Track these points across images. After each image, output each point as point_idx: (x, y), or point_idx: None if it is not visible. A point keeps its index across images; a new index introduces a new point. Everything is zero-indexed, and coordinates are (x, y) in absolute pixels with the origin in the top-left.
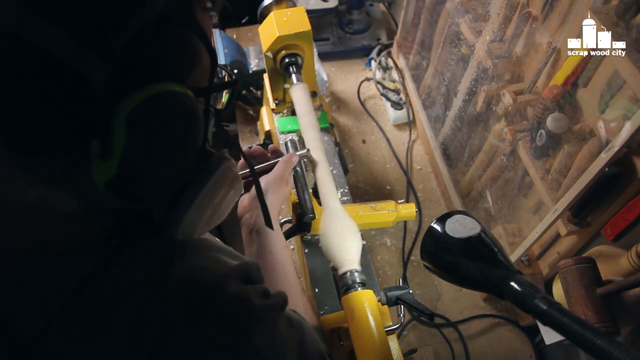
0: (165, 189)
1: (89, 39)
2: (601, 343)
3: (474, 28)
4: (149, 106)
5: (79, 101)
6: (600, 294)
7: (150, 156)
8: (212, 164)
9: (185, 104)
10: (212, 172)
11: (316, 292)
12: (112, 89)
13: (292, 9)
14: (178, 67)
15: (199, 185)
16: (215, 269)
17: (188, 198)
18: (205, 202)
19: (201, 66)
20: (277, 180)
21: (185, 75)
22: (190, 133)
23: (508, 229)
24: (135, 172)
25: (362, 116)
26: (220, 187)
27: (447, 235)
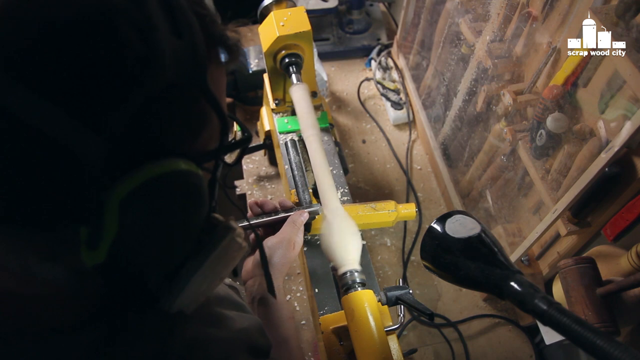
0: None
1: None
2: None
3: (474, 28)
4: (146, 189)
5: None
6: (600, 294)
7: (145, 242)
8: (216, 236)
9: (188, 184)
10: (216, 245)
11: (316, 292)
12: (107, 169)
13: (292, 9)
14: (183, 136)
15: (200, 260)
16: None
17: (187, 274)
18: (206, 276)
19: (210, 128)
20: (284, 243)
21: (191, 142)
22: (192, 213)
23: (508, 229)
24: (128, 258)
25: (362, 116)
26: (223, 260)
27: (447, 235)
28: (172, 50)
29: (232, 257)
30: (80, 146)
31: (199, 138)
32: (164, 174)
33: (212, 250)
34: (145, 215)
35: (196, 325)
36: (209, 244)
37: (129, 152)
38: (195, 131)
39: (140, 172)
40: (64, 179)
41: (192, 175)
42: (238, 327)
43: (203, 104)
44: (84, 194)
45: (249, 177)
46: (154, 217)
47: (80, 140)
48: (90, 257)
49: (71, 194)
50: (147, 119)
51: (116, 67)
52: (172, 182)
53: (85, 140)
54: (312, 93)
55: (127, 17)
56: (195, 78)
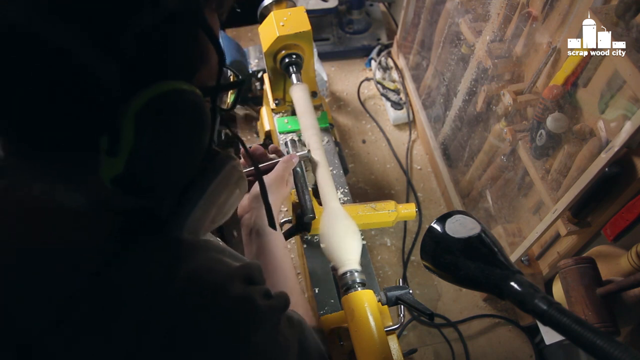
0: (171, 186)
1: (99, 36)
2: (601, 343)
3: (474, 28)
4: (157, 104)
5: (88, 97)
6: (600, 294)
7: (158, 153)
8: (218, 163)
9: (193, 102)
10: (218, 170)
11: (316, 292)
12: (121, 86)
13: (292, 9)
14: (186, 66)
15: (205, 184)
16: (218, 270)
17: (194, 196)
18: (210, 200)
19: (209, 65)
20: (277, 180)
21: (193, 73)
22: (198, 131)
23: (508, 229)
24: (143, 168)
25: (362, 116)
26: (225, 186)
27: (447, 235)
28: None
29: (234, 185)
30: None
31: (199, 72)
32: (171, 90)
33: (216, 174)
34: (156, 127)
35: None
36: (213, 169)
37: (140, 72)
38: (197, 63)
39: (153, 88)
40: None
41: (196, 96)
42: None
43: (202, 38)
44: (104, 107)
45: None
46: (164, 130)
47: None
48: (109, 167)
49: (92, 108)
50: (152, 43)
51: None
52: (178, 98)
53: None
54: (312, 93)
55: None
56: (194, 10)
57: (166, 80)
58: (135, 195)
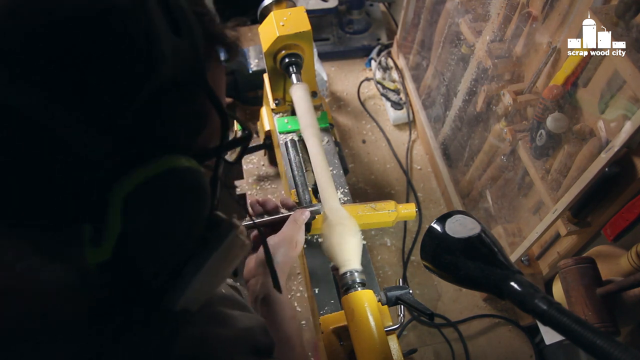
0: (164, 266)
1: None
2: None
3: (474, 28)
4: (149, 186)
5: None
6: (600, 294)
7: (149, 239)
8: (221, 233)
9: (189, 181)
10: (219, 242)
11: (316, 292)
12: (110, 167)
13: (292, 9)
14: (185, 134)
15: (205, 257)
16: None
17: (192, 271)
18: (210, 273)
19: (211, 126)
20: (285, 242)
21: (193, 139)
22: (195, 210)
23: (508, 229)
24: (131, 254)
25: (362, 116)
26: (226, 257)
27: (447, 235)
28: (173, 48)
29: (235, 255)
30: (82, 144)
31: (200, 136)
32: (167, 170)
33: (216, 247)
34: (148, 212)
35: (200, 325)
36: (213, 241)
37: (131, 150)
38: (197, 129)
39: (143, 170)
40: (68, 177)
41: (195, 172)
42: (241, 327)
43: (204, 102)
44: (87, 191)
45: (249, 177)
46: (157, 214)
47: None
48: (94, 254)
49: (75, 191)
50: (149, 116)
51: (118, 66)
52: (174, 179)
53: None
54: (312, 93)
55: (128, 15)
56: (196, 76)
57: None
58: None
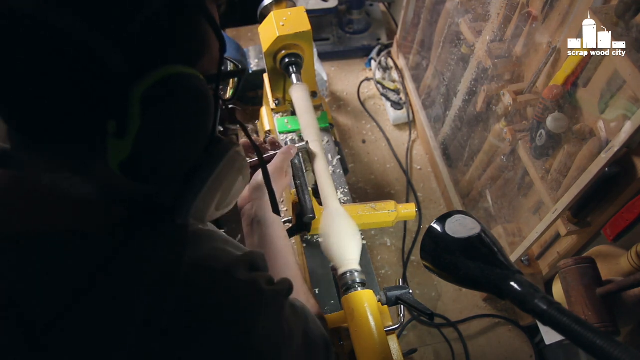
0: (177, 170)
1: (104, 22)
2: (601, 343)
3: (474, 28)
4: (162, 88)
5: (94, 82)
6: (600, 294)
7: (164, 136)
8: (222, 149)
9: (198, 87)
10: (222, 156)
11: (316, 292)
12: (126, 70)
13: (292, 9)
14: (189, 52)
15: (210, 169)
16: (223, 257)
17: (199, 181)
18: (215, 186)
19: (210, 53)
20: (276, 171)
21: (196, 60)
22: (202, 115)
23: (508, 229)
24: (149, 152)
25: (362, 116)
26: (229, 171)
27: (447, 235)
28: None
29: (237, 171)
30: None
31: (202, 59)
32: (177, 74)
33: (220, 159)
34: (162, 110)
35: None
36: (217, 154)
37: (144, 58)
38: (199, 50)
39: (157, 72)
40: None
41: (200, 80)
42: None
43: (205, 26)
44: (109, 92)
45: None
46: (169, 112)
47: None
48: (117, 151)
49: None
50: (156, 31)
51: None
52: (183, 82)
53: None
54: (312, 93)
55: None
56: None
57: (170, 65)
58: (141, 180)
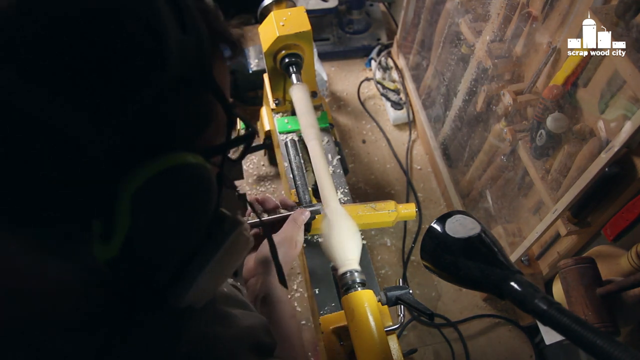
0: (172, 262)
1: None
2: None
3: (474, 28)
4: (156, 183)
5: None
6: (600, 294)
7: (158, 234)
8: (225, 230)
9: (197, 175)
10: (225, 238)
11: (316, 292)
12: (117, 163)
13: (292, 9)
14: (191, 130)
15: (210, 253)
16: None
17: (197, 268)
18: (215, 270)
19: (216, 122)
20: (285, 241)
21: (199, 137)
22: (202, 205)
23: (508, 229)
24: (141, 250)
25: (362, 116)
26: (232, 254)
27: (447, 235)
28: (179, 45)
29: (240, 251)
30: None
31: (205, 132)
32: (174, 166)
33: (221, 243)
34: (157, 207)
35: (203, 323)
36: (218, 237)
37: (138, 146)
38: (202, 125)
39: (151, 165)
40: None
41: (201, 168)
42: (244, 325)
43: (209, 98)
44: (96, 187)
45: (249, 177)
46: (165, 209)
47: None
48: (103, 251)
49: (84, 188)
50: (155, 113)
51: (124, 62)
52: (182, 174)
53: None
54: (312, 93)
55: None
56: (202, 72)
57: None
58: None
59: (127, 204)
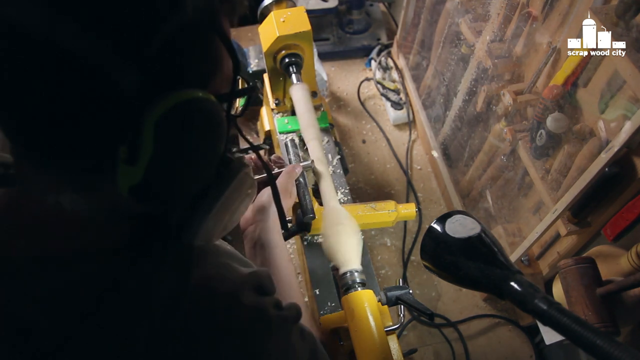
0: (187, 194)
1: (120, 44)
2: (601, 343)
3: (474, 28)
4: (176, 113)
5: (107, 106)
6: (600, 294)
7: (177, 162)
8: (232, 170)
9: (212, 111)
10: (232, 178)
11: (316, 293)
12: (141, 95)
13: (292, 9)
14: (202, 74)
15: (219, 192)
16: (230, 278)
17: (209, 203)
18: (224, 208)
19: (222, 72)
20: (281, 191)
21: (209, 81)
22: (215, 139)
23: (508, 229)
24: (161, 177)
25: (362, 116)
26: (239, 193)
27: (447, 235)
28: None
29: (246, 192)
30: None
31: (214, 79)
32: (190, 99)
33: (230, 181)
34: (176, 135)
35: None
36: (227, 176)
37: (159, 81)
38: (212, 70)
39: (172, 97)
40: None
41: (214, 104)
42: (248, 271)
43: (218, 45)
44: (123, 117)
45: None
46: (183, 139)
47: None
48: (127, 177)
49: (112, 117)
50: (171, 53)
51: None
52: (197, 107)
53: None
54: (312, 93)
55: None
56: (212, 18)
57: (184, 89)
58: (151, 203)
59: (150, 131)
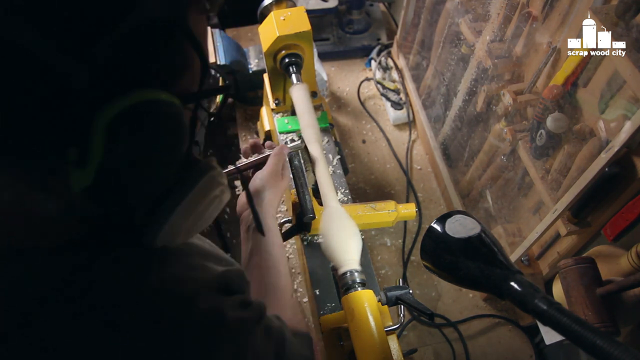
0: (144, 197)
1: (70, 41)
2: (601, 343)
3: (474, 28)
4: (129, 115)
5: (57, 105)
6: (600, 294)
7: (129, 165)
8: (196, 173)
9: (170, 113)
10: (195, 181)
11: (316, 293)
12: (92, 94)
13: (292, 8)
14: (166, 73)
15: (181, 194)
16: (193, 279)
17: (169, 206)
18: (187, 210)
19: (192, 71)
20: (272, 175)
21: (174, 81)
22: (173, 143)
23: (508, 229)
24: (113, 180)
25: (362, 116)
26: (204, 196)
27: (447, 235)
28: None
29: (214, 196)
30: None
31: (181, 78)
32: (147, 101)
33: (193, 184)
34: (129, 139)
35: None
36: (190, 179)
37: (113, 81)
38: (178, 70)
39: (125, 98)
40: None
41: (173, 106)
42: (217, 272)
43: (185, 45)
44: (73, 117)
45: None
46: (137, 141)
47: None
48: (79, 178)
49: (62, 116)
50: (128, 51)
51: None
52: (154, 109)
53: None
54: (312, 93)
55: None
56: (177, 16)
57: (142, 89)
58: (106, 205)
59: (101, 133)
